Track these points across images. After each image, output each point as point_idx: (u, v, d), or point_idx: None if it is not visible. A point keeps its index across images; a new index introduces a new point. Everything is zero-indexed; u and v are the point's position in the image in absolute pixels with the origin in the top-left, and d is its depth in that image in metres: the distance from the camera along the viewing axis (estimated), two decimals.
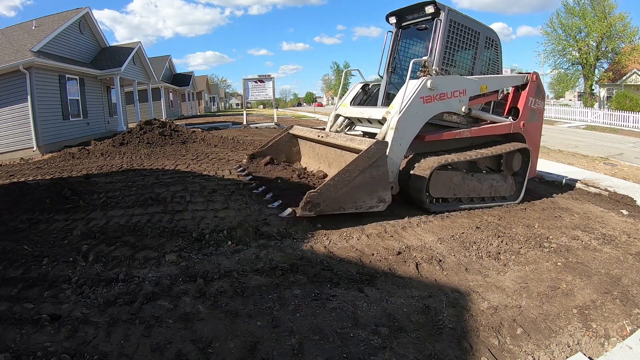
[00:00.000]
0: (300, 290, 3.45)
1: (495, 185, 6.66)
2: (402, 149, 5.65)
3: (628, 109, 23.78)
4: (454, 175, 6.14)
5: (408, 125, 5.62)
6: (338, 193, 4.86)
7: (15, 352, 2.57)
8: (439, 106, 5.95)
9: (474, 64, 6.76)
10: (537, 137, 7.36)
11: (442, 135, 6.15)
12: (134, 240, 4.48)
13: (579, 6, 30.00)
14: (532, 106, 7.08)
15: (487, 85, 6.59)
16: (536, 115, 7.24)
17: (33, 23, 15.97)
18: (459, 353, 2.71)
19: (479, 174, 6.50)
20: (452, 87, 6.02)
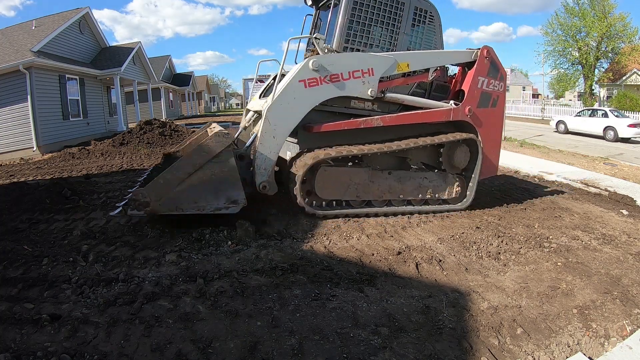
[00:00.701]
0: (300, 290, 3.45)
1: (428, 186, 5.71)
2: (276, 143, 4.90)
3: (628, 108, 23.78)
4: (353, 173, 5.28)
5: (283, 114, 4.85)
6: (173, 191, 4.35)
7: (15, 352, 2.57)
8: (330, 90, 5.02)
9: (395, 40, 5.75)
10: (494, 126, 6.17)
11: (338, 125, 5.16)
12: (134, 240, 4.48)
13: (578, 6, 30.02)
14: (483, 88, 5.91)
15: (408, 63, 5.48)
16: (490, 100, 6.03)
17: (33, 23, 15.97)
18: (459, 353, 2.71)
19: (400, 172, 5.58)
20: (349, 67, 5.08)
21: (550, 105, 31.08)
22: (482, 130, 5.99)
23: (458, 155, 5.83)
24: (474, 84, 5.87)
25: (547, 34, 32.10)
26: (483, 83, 5.94)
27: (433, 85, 6.13)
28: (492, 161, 6.23)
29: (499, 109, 6.17)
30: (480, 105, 5.94)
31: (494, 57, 6.00)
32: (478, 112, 5.93)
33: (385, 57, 5.36)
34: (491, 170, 6.34)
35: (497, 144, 6.33)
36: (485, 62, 5.94)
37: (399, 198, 5.60)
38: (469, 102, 5.84)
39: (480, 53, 5.92)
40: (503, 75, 6.16)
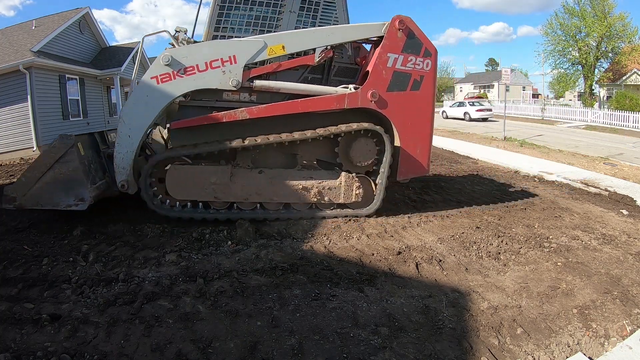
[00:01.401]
0: (300, 290, 3.45)
1: (312, 187, 4.90)
2: (132, 142, 4.63)
3: (628, 108, 23.76)
4: (210, 171, 4.78)
5: (137, 113, 4.59)
6: (33, 188, 4.56)
7: (15, 352, 2.58)
8: (185, 84, 4.59)
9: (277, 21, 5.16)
10: (417, 114, 5.09)
11: (198, 120, 4.73)
12: (134, 240, 4.48)
13: (578, 6, 30.04)
14: (396, 67, 4.92)
15: (283, 45, 4.75)
16: (409, 81, 4.99)
17: (33, 23, 15.96)
18: (459, 353, 2.71)
19: (274, 171, 4.92)
20: (205, 57, 4.59)
21: (550, 105, 31.07)
22: (397, 119, 5.04)
23: (356, 151, 5.00)
24: (380, 63, 4.91)
25: (547, 34, 32.15)
26: (396, 61, 4.92)
27: (333, 68, 5.35)
28: (416, 157, 5.17)
29: (425, 91, 5.06)
30: (392, 88, 4.97)
31: (413, 29, 4.94)
32: (389, 97, 4.95)
33: (251, 41, 4.72)
34: (416, 169, 5.27)
35: (423, 136, 5.20)
36: (399, 35, 4.88)
37: (272, 201, 4.96)
38: (372, 85, 4.90)
39: (391, 25, 4.87)
40: (429, 50, 5.04)
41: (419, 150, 5.22)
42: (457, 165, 10.22)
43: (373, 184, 5.19)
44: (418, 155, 5.22)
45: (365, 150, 5.03)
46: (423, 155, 5.25)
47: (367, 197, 5.18)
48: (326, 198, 5.01)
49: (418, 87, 5.05)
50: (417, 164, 5.25)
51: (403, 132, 5.08)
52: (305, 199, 4.97)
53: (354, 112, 5.01)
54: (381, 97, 4.92)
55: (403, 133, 5.08)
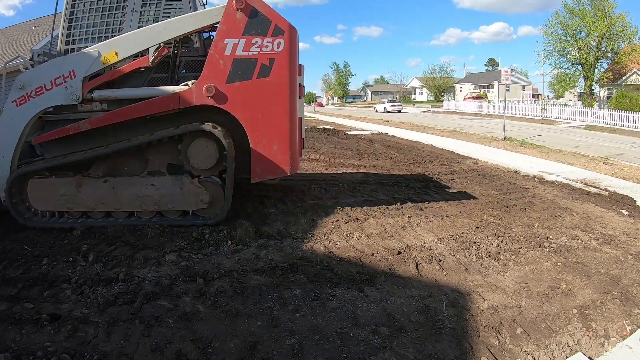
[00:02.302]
0: (300, 290, 3.45)
1: (153, 195, 4.68)
2: (5, 160, 4.74)
3: (628, 108, 23.75)
4: (58, 183, 4.76)
5: (5, 134, 4.72)
6: None
7: (15, 352, 2.58)
8: (39, 104, 4.65)
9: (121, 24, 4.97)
10: (269, 105, 4.53)
11: (50, 135, 4.78)
12: (134, 240, 4.48)
13: (578, 6, 30.04)
14: (238, 54, 4.39)
15: (116, 51, 4.54)
16: (255, 68, 4.43)
17: (33, 23, 15.97)
18: (459, 353, 2.71)
19: (119, 179, 4.76)
20: (49, 76, 4.60)
21: (550, 105, 31.08)
22: (243, 113, 4.53)
23: (195, 154, 4.67)
24: (216, 52, 4.43)
25: (547, 34, 32.13)
26: (236, 47, 4.37)
27: (181, 64, 5.03)
28: (272, 156, 4.63)
29: (277, 77, 4.45)
30: (233, 78, 4.46)
31: (257, 6, 4.38)
32: (230, 90, 4.46)
33: (85, 53, 4.63)
34: (273, 170, 4.70)
35: (280, 130, 4.59)
36: (238, 16, 4.34)
37: (117, 210, 4.82)
38: (207, 78, 4.46)
39: (227, 6, 4.37)
40: (281, 27, 4.41)
41: (276, 147, 4.62)
42: (457, 165, 10.22)
43: (217, 190, 4.75)
44: (275, 154, 4.64)
45: (205, 153, 4.66)
46: (282, 153, 4.65)
47: (218, 203, 4.78)
48: (169, 205, 4.74)
49: (267, 73, 4.44)
50: (274, 164, 4.69)
51: (252, 128, 4.56)
52: (148, 207, 4.75)
53: (203, 109, 4.62)
54: (219, 91, 4.44)
55: (253, 129, 4.56)
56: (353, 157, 10.50)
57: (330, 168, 8.92)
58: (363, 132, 18.18)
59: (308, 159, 9.82)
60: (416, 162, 10.25)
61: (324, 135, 16.03)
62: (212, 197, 4.71)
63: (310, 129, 18.74)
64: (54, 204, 4.82)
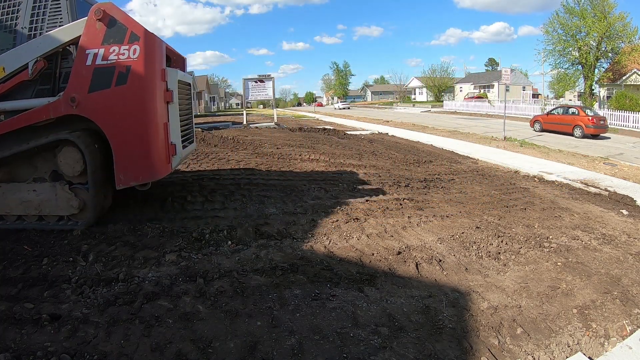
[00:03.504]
0: (300, 290, 3.45)
1: (34, 200, 4.80)
2: None
3: (628, 108, 23.77)
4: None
5: None
6: None
7: (15, 352, 2.58)
8: None
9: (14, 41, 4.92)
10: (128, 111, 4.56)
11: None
12: (134, 240, 4.48)
13: (578, 6, 30.04)
14: (98, 63, 4.48)
15: (4, 67, 4.68)
16: (114, 75, 4.49)
17: None
18: (459, 353, 2.71)
19: (8, 185, 4.89)
20: None
21: (550, 105, 31.08)
22: (103, 121, 4.58)
23: (61, 161, 4.77)
24: (79, 63, 4.51)
25: (547, 33, 32.15)
26: (96, 56, 4.45)
27: (61, 75, 4.99)
28: (135, 161, 4.67)
29: (135, 83, 4.49)
30: (94, 87, 4.50)
31: (115, 15, 4.46)
32: (92, 99, 4.51)
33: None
34: (137, 174, 4.72)
35: (140, 135, 4.62)
36: (98, 26, 4.41)
37: (7, 213, 4.90)
38: (72, 89, 4.51)
39: (88, 18, 4.44)
40: (136, 33, 4.48)
41: (138, 152, 4.65)
42: (457, 165, 10.22)
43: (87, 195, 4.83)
44: (137, 160, 4.65)
45: (71, 160, 4.72)
46: (144, 159, 4.67)
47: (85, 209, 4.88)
48: (47, 210, 4.84)
49: (125, 80, 4.48)
50: (137, 170, 4.68)
51: (114, 135, 4.60)
52: (30, 211, 4.85)
53: (77, 119, 4.69)
54: (82, 101, 4.52)
55: (114, 137, 4.60)
56: (353, 157, 10.50)
57: (330, 168, 8.92)
58: (363, 132, 18.19)
59: (308, 158, 9.82)
60: (416, 162, 10.26)
61: (324, 135, 16.03)
62: (83, 203, 4.82)
63: (310, 129, 18.76)
64: None
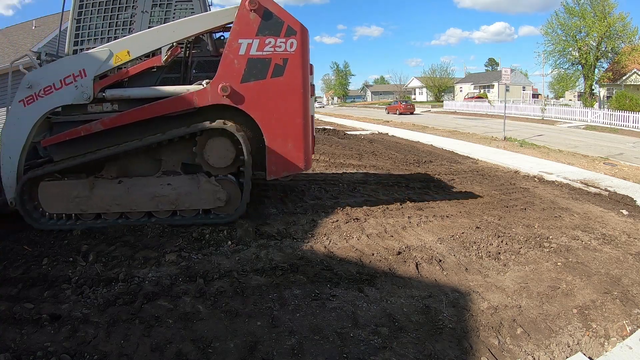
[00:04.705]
0: (300, 290, 3.45)
1: (169, 195, 4.73)
2: (13, 161, 4.70)
3: (628, 108, 23.73)
4: (70, 185, 4.74)
5: (13, 135, 4.67)
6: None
7: (15, 352, 2.58)
8: (47, 103, 4.60)
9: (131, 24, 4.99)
10: (283, 103, 4.62)
11: (59, 137, 4.73)
12: (134, 240, 4.48)
13: (578, 6, 30.03)
14: (252, 54, 4.49)
15: (128, 50, 4.58)
16: (269, 68, 4.53)
17: (33, 23, 15.98)
18: (459, 353, 2.71)
19: (133, 179, 4.80)
20: (59, 75, 4.58)
21: (550, 105, 31.08)
22: (258, 112, 4.61)
23: (211, 152, 4.71)
24: (231, 52, 4.51)
25: (547, 34, 32.13)
26: (250, 47, 4.47)
27: (193, 64, 5.07)
28: (287, 154, 4.72)
29: (290, 76, 4.55)
30: (248, 78, 4.54)
31: (269, 7, 4.47)
32: (245, 89, 4.54)
33: (97, 51, 4.62)
34: (288, 167, 4.79)
35: (294, 128, 4.69)
36: (252, 17, 4.42)
37: (133, 210, 4.81)
38: (222, 78, 4.52)
39: (240, 7, 4.43)
40: (293, 27, 4.50)
41: (291, 145, 4.73)
42: (457, 165, 10.22)
43: (234, 187, 4.81)
44: (290, 151, 4.74)
45: (221, 151, 4.69)
46: (296, 150, 4.74)
47: (234, 201, 4.83)
48: (186, 204, 4.77)
49: (281, 72, 4.56)
50: (289, 161, 4.78)
51: (267, 126, 4.66)
52: (162, 207, 4.78)
53: (217, 108, 4.66)
54: (235, 90, 4.51)
55: (268, 128, 4.66)
56: (353, 157, 10.50)
57: (330, 168, 8.92)
58: (363, 132, 18.19)
59: None
60: (416, 162, 10.26)
61: (324, 135, 16.02)
62: (229, 196, 4.78)
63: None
64: (66, 206, 4.77)
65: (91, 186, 4.73)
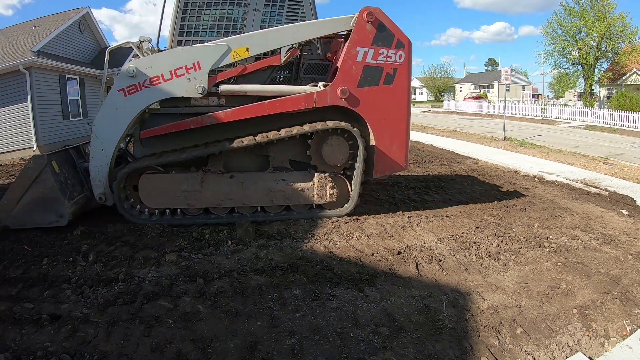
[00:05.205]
0: (300, 290, 3.45)
1: (284, 190, 4.87)
2: (106, 155, 4.67)
3: (628, 108, 23.74)
4: (180, 179, 4.78)
5: (108, 126, 4.61)
6: (15, 210, 4.65)
7: (15, 352, 2.58)
8: (152, 94, 4.58)
9: (242, 21, 5.10)
10: (391, 109, 4.97)
11: (165, 128, 4.73)
12: (134, 240, 4.48)
13: (578, 6, 30.04)
14: (366, 61, 4.81)
15: (247, 47, 4.67)
16: (381, 75, 4.87)
17: (33, 23, 15.96)
18: (459, 353, 2.71)
19: (245, 175, 4.90)
20: (169, 65, 4.55)
21: (550, 105, 31.08)
22: (370, 115, 4.93)
23: (327, 150, 4.91)
24: (349, 58, 4.79)
25: (547, 34, 32.14)
26: (366, 55, 4.79)
27: (303, 66, 5.26)
28: (391, 155, 5.05)
29: (399, 85, 4.92)
30: (363, 83, 4.85)
31: (383, 20, 4.79)
32: (360, 93, 4.84)
33: (214, 46, 4.66)
34: (392, 166, 5.15)
35: (399, 132, 5.08)
36: (368, 27, 4.74)
37: (245, 205, 4.90)
38: (342, 82, 4.80)
39: (358, 17, 4.73)
40: (402, 41, 4.90)
41: (395, 146, 5.10)
42: (457, 165, 10.22)
43: (348, 183, 5.06)
44: (394, 152, 5.10)
45: (337, 149, 4.93)
46: (399, 151, 5.13)
47: (343, 197, 5.05)
48: (300, 199, 4.94)
49: (391, 80, 4.93)
50: (393, 161, 5.13)
51: (377, 128, 4.97)
52: (276, 201, 4.92)
53: (326, 110, 4.90)
54: (352, 94, 4.82)
55: (377, 130, 4.97)
56: None
57: None
58: None
59: None
60: (416, 162, 10.26)
61: None
62: (340, 192, 5.00)
63: None
64: (170, 201, 4.78)
65: (201, 180, 4.74)
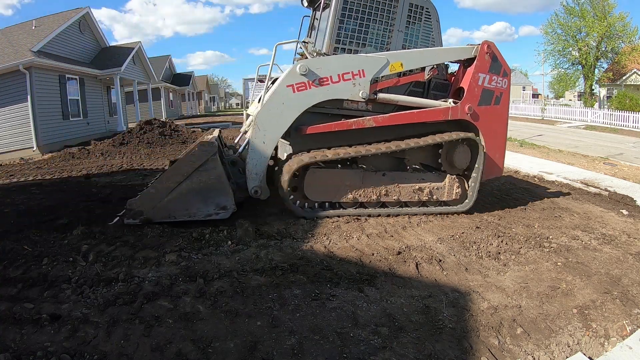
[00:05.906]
0: (300, 290, 3.45)
1: (425, 187, 5.59)
2: (266, 148, 5.04)
3: (628, 108, 23.75)
4: (345, 175, 5.30)
5: (272, 120, 4.96)
6: (165, 200, 4.56)
7: (15, 352, 2.57)
8: (320, 94, 5.06)
9: (389, 38, 5.73)
10: (497, 124, 5.96)
11: (328, 126, 5.20)
12: (134, 240, 4.47)
13: (578, 6, 30.03)
14: (484, 85, 5.74)
15: (402, 62, 5.41)
16: (493, 97, 5.83)
17: (33, 23, 15.96)
18: (459, 353, 2.71)
19: (395, 173, 5.54)
20: (338, 69, 5.10)
21: (550, 105, 31.08)
22: (484, 129, 5.83)
23: (457, 156, 5.70)
24: (474, 82, 5.69)
25: (547, 34, 32.15)
26: (484, 80, 5.74)
27: (431, 84, 6.01)
28: (496, 161, 6.03)
29: (502, 106, 5.93)
30: (481, 103, 5.77)
31: (496, 53, 5.77)
32: (479, 111, 5.75)
33: (377, 57, 5.30)
34: (495, 171, 6.10)
35: (501, 144, 6.08)
36: (486, 58, 5.70)
37: (395, 200, 5.51)
38: (468, 100, 5.69)
39: (481, 49, 5.67)
40: (507, 71, 5.91)
41: (498, 154, 6.04)
42: None
43: (466, 184, 5.86)
44: (497, 159, 6.05)
45: (463, 156, 5.74)
46: (500, 158, 6.10)
47: (462, 195, 5.82)
48: (434, 196, 5.65)
49: (499, 102, 5.89)
50: (496, 167, 6.06)
51: (488, 140, 5.86)
52: (419, 197, 5.60)
53: (447, 122, 5.77)
54: (474, 111, 5.73)
55: (488, 141, 5.85)
56: None
57: None
58: None
59: None
60: None
61: None
62: (462, 190, 5.76)
63: None
64: (334, 194, 5.29)
65: (362, 177, 5.32)
